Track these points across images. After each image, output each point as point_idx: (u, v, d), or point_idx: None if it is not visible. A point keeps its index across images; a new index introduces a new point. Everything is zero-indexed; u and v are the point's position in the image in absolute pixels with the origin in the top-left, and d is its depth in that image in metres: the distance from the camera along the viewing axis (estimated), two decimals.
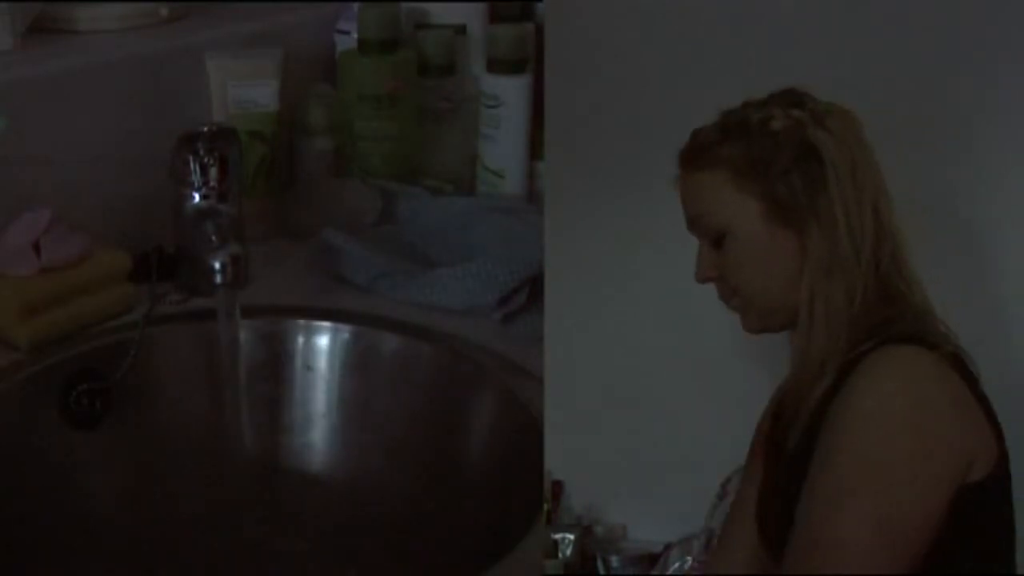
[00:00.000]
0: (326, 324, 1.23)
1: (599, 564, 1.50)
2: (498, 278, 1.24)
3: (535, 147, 1.50)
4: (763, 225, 1.02)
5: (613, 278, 1.46)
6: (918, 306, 1.01)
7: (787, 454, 1.02)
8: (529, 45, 1.51)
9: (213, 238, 1.13)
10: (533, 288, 1.25)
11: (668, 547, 1.43)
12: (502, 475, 1.12)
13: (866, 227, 1.00)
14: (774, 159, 1.00)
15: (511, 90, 1.48)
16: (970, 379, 0.98)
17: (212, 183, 1.21)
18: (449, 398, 1.19)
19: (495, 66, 1.48)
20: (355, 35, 1.50)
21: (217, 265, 1.10)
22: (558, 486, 1.55)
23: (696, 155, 1.05)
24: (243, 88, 1.38)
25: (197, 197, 1.21)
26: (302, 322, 1.23)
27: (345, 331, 1.23)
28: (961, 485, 0.95)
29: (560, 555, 1.47)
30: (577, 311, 1.42)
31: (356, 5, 1.50)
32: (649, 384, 1.49)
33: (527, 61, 1.49)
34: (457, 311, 1.25)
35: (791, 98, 1.03)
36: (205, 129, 1.24)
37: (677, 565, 1.38)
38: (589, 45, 1.40)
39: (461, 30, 1.55)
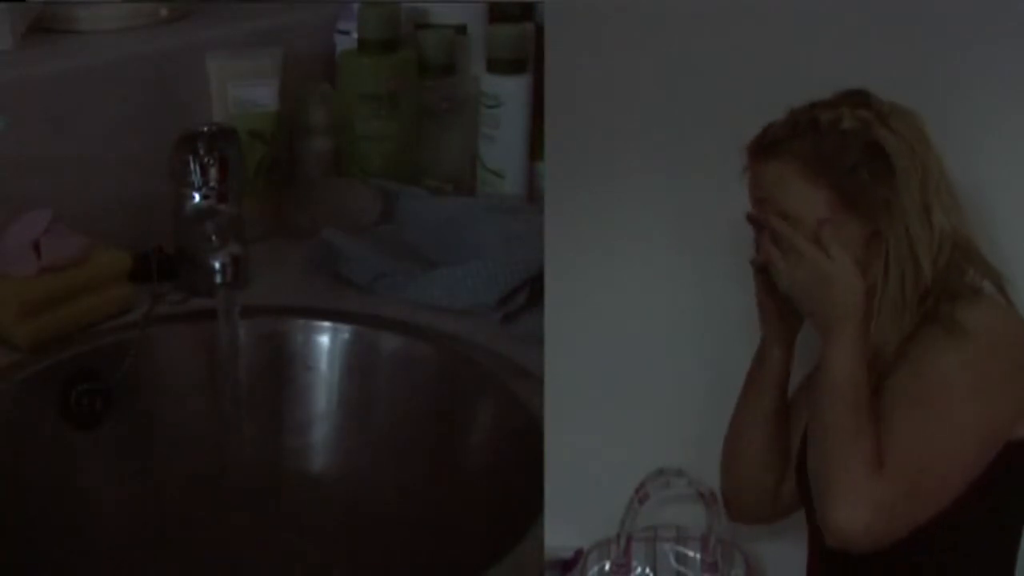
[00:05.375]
0: (326, 324, 1.23)
1: None
2: (498, 278, 1.24)
3: (535, 147, 1.50)
4: (831, 213, 1.06)
5: (613, 278, 1.45)
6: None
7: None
8: (529, 45, 1.50)
9: (213, 238, 1.13)
10: (533, 288, 1.25)
11: (580, 552, 1.39)
12: (502, 475, 1.12)
13: (934, 224, 1.05)
14: (842, 156, 1.06)
15: (511, 90, 1.48)
16: None
17: (212, 183, 1.21)
18: (449, 398, 1.19)
19: (495, 66, 1.48)
20: (355, 35, 1.50)
21: (217, 265, 1.10)
22: None
23: (765, 148, 1.10)
24: (243, 88, 1.38)
25: (197, 197, 1.21)
26: (302, 322, 1.23)
27: (345, 331, 1.23)
28: (1009, 440, 1.01)
29: None
30: (577, 311, 1.42)
31: (356, 5, 1.50)
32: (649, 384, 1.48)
33: (527, 61, 1.49)
34: (457, 311, 1.25)
35: (857, 99, 1.09)
36: (205, 129, 1.24)
37: (596, 569, 1.36)
38: (589, 45, 1.40)
39: (461, 30, 1.55)
